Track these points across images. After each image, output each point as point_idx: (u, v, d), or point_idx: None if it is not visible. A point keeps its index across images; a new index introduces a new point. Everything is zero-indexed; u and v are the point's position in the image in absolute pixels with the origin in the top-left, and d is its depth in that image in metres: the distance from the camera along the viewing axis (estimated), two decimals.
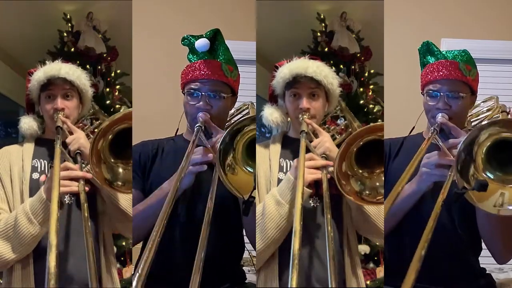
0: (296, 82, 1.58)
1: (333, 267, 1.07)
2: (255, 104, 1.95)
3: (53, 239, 1.03)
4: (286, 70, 1.60)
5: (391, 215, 1.45)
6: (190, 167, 1.42)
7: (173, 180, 1.29)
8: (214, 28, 1.57)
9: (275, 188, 1.47)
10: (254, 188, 1.30)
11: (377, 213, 1.46)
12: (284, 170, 1.56)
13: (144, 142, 1.65)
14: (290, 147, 1.62)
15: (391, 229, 1.55)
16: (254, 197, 1.28)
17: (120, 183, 1.44)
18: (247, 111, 1.89)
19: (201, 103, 1.52)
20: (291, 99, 1.61)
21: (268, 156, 1.60)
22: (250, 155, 1.40)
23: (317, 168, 1.43)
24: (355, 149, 1.43)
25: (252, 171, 1.38)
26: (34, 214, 1.40)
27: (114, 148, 1.46)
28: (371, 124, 1.43)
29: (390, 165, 1.63)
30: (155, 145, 1.63)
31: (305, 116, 1.56)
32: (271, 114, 1.65)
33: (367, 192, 1.41)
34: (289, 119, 1.68)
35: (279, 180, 1.52)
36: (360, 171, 1.44)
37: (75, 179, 1.44)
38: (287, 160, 1.59)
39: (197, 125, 1.48)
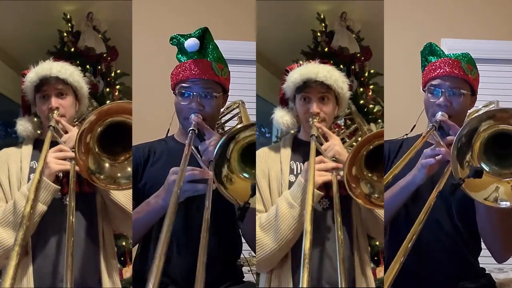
0: (307, 87, 1.59)
1: (343, 268, 1.10)
2: (255, 104, 1.95)
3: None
4: (297, 74, 1.61)
5: (388, 208, 1.46)
6: (188, 187, 1.37)
7: (172, 197, 1.19)
8: (203, 27, 1.57)
9: (287, 191, 1.49)
10: (253, 195, 1.27)
11: None
12: (295, 173, 1.58)
13: (136, 147, 1.63)
14: (301, 149, 1.64)
15: (388, 221, 1.55)
16: (249, 203, 1.25)
17: (102, 176, 1.43)
18: (237, 110, 1.88)
19: (193, 104, 1.52)
20: (302, 102, 1.62)
21: (279, 159, 1.61)
22: (246, 162, 1.39)
23: (327, 170, 1.45)
24: (364, 153, 1.45)
25: (249, 177, 1.38)
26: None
27: (104, 141, 1.45)
28: (380, 129, 1.46)
29: (389, 168, 1.62)
30: (146, 148, 1.63)
31: (315, 120, 1.57)
32: (281, 117, 1.66)
33: (376, 195, 1.43)
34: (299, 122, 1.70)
35: (290, 183, 1.54)
36: (370, 174, 1.46)
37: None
38: (298, 163, 1.60)
39: (190, 128, 1.46)
